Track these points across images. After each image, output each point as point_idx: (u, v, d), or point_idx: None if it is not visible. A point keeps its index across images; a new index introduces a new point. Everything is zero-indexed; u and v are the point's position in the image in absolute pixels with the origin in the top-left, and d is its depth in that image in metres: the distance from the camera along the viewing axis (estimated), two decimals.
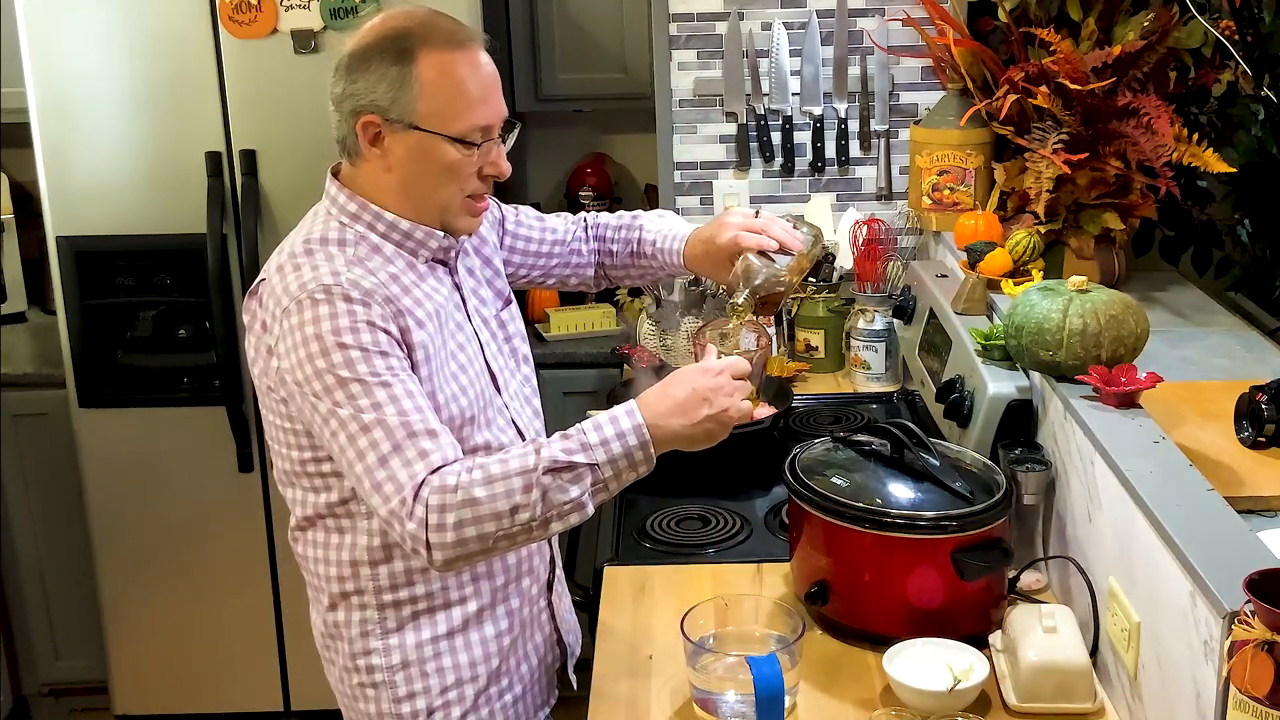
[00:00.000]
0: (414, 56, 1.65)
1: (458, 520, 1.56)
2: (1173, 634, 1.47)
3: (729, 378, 1.66)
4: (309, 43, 2.99)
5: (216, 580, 3.30)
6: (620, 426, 1.62)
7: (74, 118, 3.03)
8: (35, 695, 3.56)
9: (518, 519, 1.57)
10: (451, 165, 1.70)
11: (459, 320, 1.80)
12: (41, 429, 3.32)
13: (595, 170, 3.65)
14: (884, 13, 3.03)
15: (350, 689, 1.82)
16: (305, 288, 1.64)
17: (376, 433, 1.58)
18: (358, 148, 1.71)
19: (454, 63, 1.67)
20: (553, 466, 1.58)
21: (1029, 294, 1.99)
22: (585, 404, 3.24)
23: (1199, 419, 1.90)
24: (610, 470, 1.61)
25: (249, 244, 3.07)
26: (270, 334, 1.67)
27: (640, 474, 1.64)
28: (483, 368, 1.82)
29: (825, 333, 2.97)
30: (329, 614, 1.81)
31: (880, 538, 1.79)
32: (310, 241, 1.71)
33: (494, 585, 1.83)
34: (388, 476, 1.57)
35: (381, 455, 1.58)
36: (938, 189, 2.70)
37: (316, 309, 1.62)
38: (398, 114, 1.66)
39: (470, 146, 1.70)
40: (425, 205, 1.74)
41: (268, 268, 1.73)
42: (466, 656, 1.81)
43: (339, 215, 1.74)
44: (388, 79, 1.66)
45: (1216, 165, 2.27)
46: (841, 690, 1.75)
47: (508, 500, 1.57)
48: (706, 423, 1.64)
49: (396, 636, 1.78)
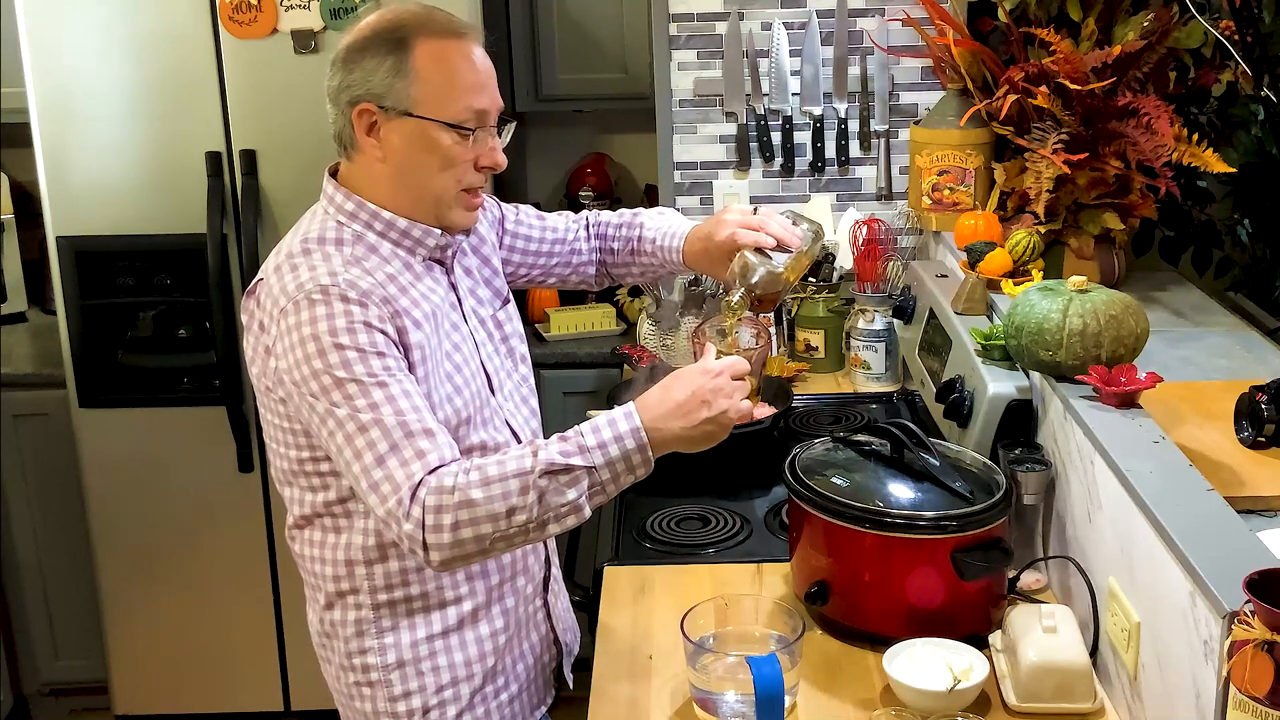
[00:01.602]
0: (409, 45, 1.67)
1: (454, 521, 1.56)
2: (1173, 634, 1.47)
3: (728, 378, 1.66)
4: (309, 43, 2.99)
5: (216, 580, 3.30)
6: (618, 429, 1.61)
7: (74, 118, 3.04)
8: (35, 695, 3.56)
9: (514, 521, 1.57)
10: (447, 153, 1.70)
11: (455, 320, 1.80)
12: (41, 429, 3.32)
13: (595, 170, 3.65)
14: (884, 13, 3.04)
15: (346, 687, 1.83)
16: (303, 288, 1.64)
17: (374, 433, 1.58)
18: (354, 139, 1.71)
19: (449, 50, 1.69)
20: (550, 469, 1.58)
21: (1029, 294, 1.99)
22: (585, 404, 3.24)
23: (1199, 419, 1.90)
24: (608, 473, 1.61)
25: (249, 244, 3.07)
26: (268, 334, 1.67)
27: (638, 477, 1.64)
28: (478, 368, 1.82)
29: (825, 333, 2.97)
30: (325, 613, 1.81)
31: (880, 538, 1.79)
32: (308, 241, 1.71)
33: (489, 584, 1.83)
34: (385, 476, 1.57)
35: (379, 455, 1.58)
36: (938, 189, 2.70)
37: (314, 309, 1.62)
38: (393, 101, 1.67)
39: (465, 133, 1.70)
40: (421, 198, 1.74)
41: (265, 268, 1.73)
42: (462, 655, 1.81)
43: (336, 214, 1.74)
44: (384, 68, 1.67)
45: (1216, 165, 2.27)
46: (841, 690, 1.75)
47: (504, 502, 1.56)
48: (706, 425, 1.64)
49: (392, 635, 1.78)
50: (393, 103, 1.67)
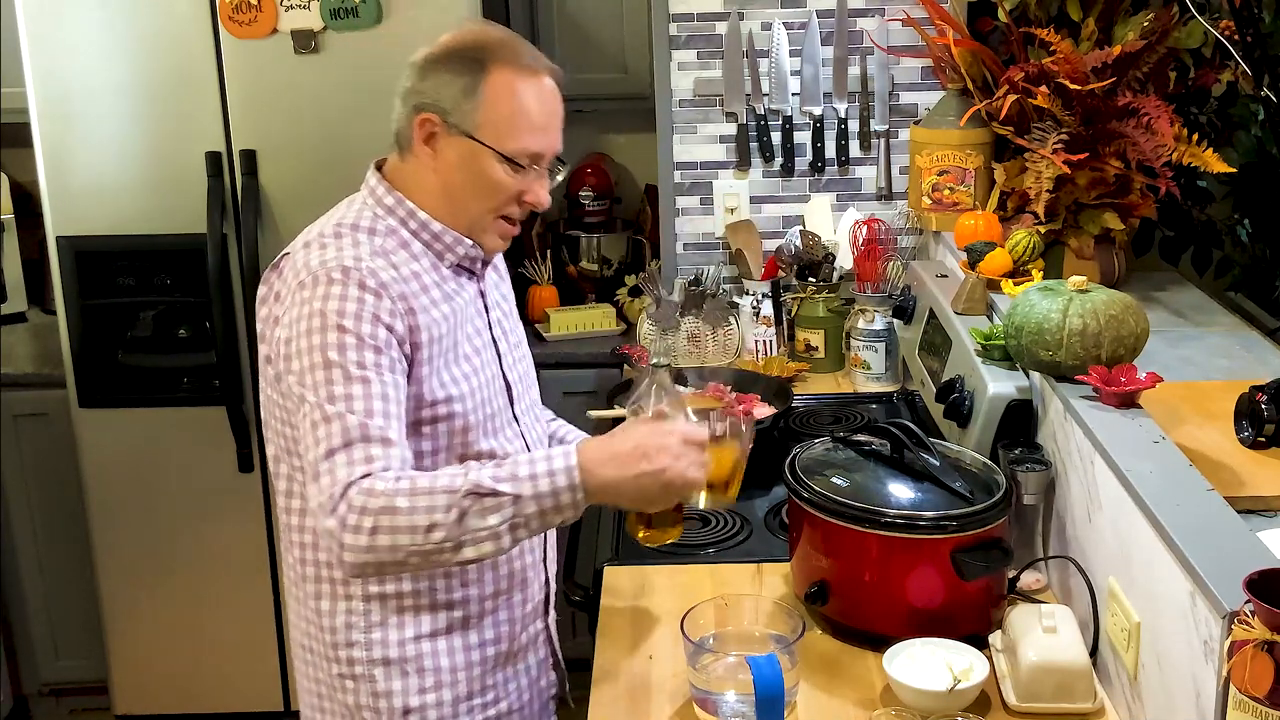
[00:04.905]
0: (486, 69, 1.70)
1: (374, 526, 1.55)
2: (1173, 634, 1.47)
3: (679, 440, 1.61)
4: (309, 43, 2.99)
5: (216, 580, 3.30)
6: (553, 465, 1.59)
7: (74, 118, 3.03)
8: (35, 695, 3.56)
9: (432, 537, 1.56)
10: (495, 182, 1.73)
11: (478, 325, 1.82)
12: (41, 429, 3.32)
13: (595, 170, 3.65)
14: (884, 13, 3.03)
15: (329, 678, 1.83)
16: (325, 265, 1.66)
17: (334, 425, 1.59)
18: (411, 143, 1.75)
19: (522, 84, 1.72)
20: (476, 490, 1.56)
21: (1029, 294, 1.99)
22: (585, 404, 3.24)
23: (1199, 419, 1.90)
24: (533, 506, 1.58)
25: (249, 244, 3.07)
26: (281, 303, 1.70)
27: (566, 518, 1.61)
28: (495, 374, 1.83)
29: (825, 333, 2.97)
30: (315, 601, 1.81)
31: (880, 538, 1.79)
32: (341, 226, 1.74)
33: (483, 593, 1.83)
34: (328, 469, 1.58)
35: (330, 448, 1.59)
36: (938, 189, 2.71)
37: (330, 287, 1.64)
38: (457, 119, 1.71)
39: (517, 168, 1.73)
40: (460, 214, 1.77)
41: (294, 244, 1.76)
42: (448, 661, 1.81)
43: (374, 206, 1.77)
44: (456, 85, 1.70)
45: (1216, 165, 2.27)
46: (841, 690, 1.75)
47: (427, 516, 1.55)
48: (643, 479, 1.60)
49: (380, 631, 1.78)
50: (456, 120, 1.71)
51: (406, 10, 2.97)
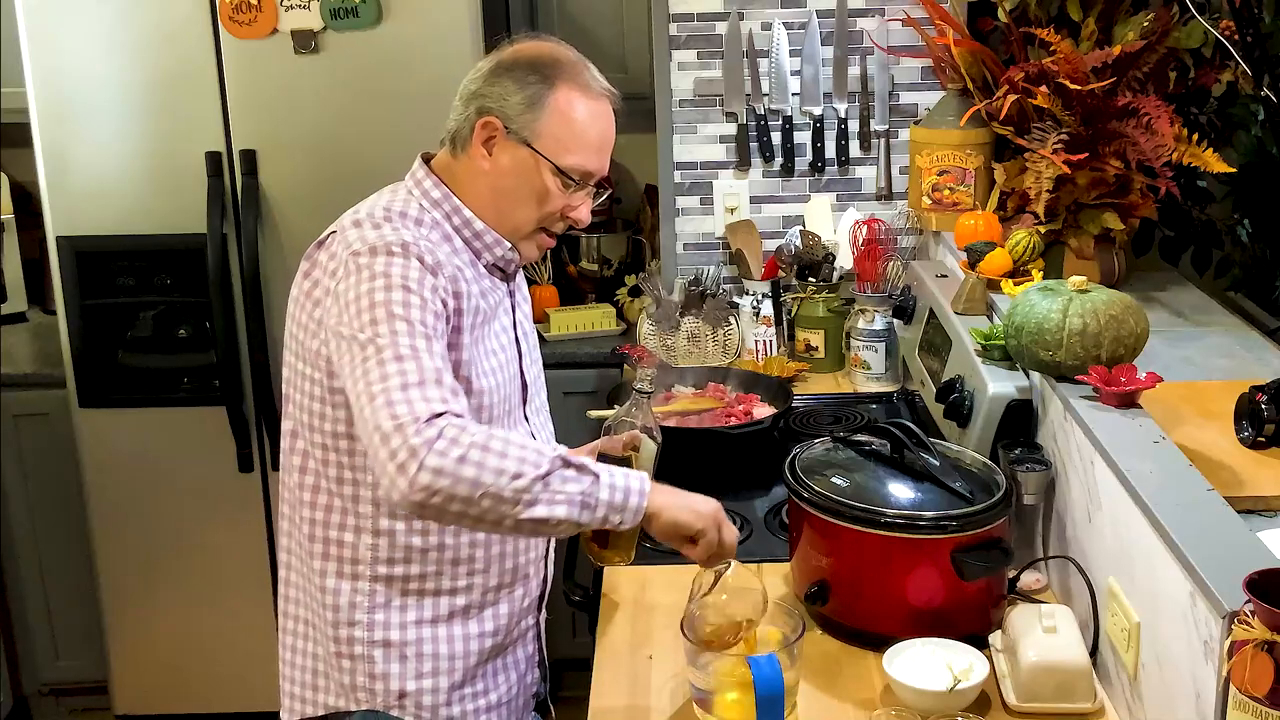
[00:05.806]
0: (554, 84, 1.75)
1: (462, 455, 1.53)
2: (1173, 634, 1.47)
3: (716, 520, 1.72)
4: (309, 43, 2.99)
5: (216, 580, 3.30)
6: (627, 470, 1.66)
7: (74, 118, 3.03)
8: (35, 695, 3.56)
9: (515, 484, 1.55)
10: (545, 193, 1.78)
11: (504, 324, 1.86)
12: (41, 429, 3.32)
13: None
14: (884, 13, 3.03)
15: (327, 655, 1.84)
16: (384, 238, 1.69)
17: (409, 364, 1.58)
18: (468, 143, 1.78)
19: (585, 105, 1.77)
20: (565, 459, 1.60)
21: (1029, 294, 1.99)
22: (585, 404, 3.24)
23: (1199, 419, 1.90)
24: (606, 493, 1.61)
25: (249, 244, 3.07)
26: (330, 274, 1.70)
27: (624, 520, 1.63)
28: (516, 372, 1.86)
29: (825, 333, 2.97)
30: (320, 579, 1.81)
31: (880, 538, 1.79)
32: (390, 211, 1.76)
33: (487, 584, 1.84)
34: (406, 399, 1.55)
35: (407, 382, 1.57)
36: (938, 189, 2.71)
37: (391, 258, 1.67)
38: (519, 127, 1.75)
39: (568, 183, 1.78)
40: (503, 218, 1.80)
41: (341, 222, 1.77)
42: (447, 648, 1.82)
43: (421, 198, 1.80)
44: (523, 94, 1.75)
45: (1216, 165, 2.27)
46: (841, 690, 1.75)
47: (518, 463, 1.55)
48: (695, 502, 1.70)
49: (383, 613, 1.79)
50: (518, 128, 1.75)
51: (406, 10, 2.97)
